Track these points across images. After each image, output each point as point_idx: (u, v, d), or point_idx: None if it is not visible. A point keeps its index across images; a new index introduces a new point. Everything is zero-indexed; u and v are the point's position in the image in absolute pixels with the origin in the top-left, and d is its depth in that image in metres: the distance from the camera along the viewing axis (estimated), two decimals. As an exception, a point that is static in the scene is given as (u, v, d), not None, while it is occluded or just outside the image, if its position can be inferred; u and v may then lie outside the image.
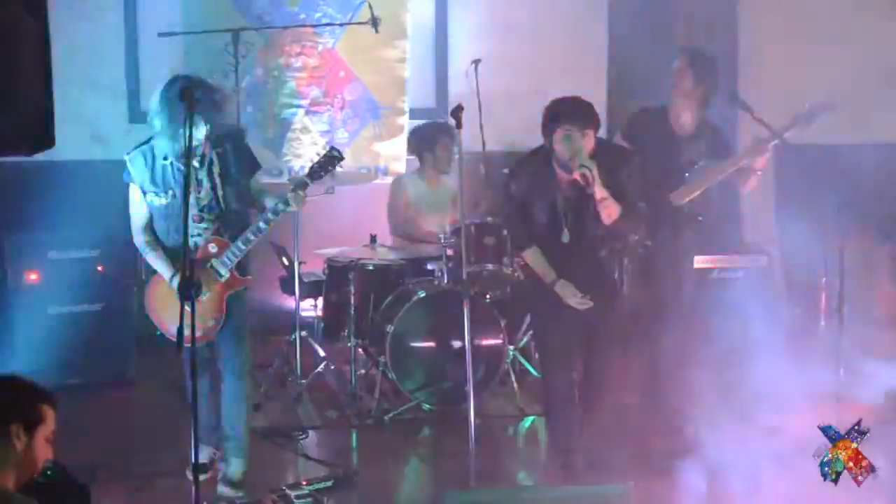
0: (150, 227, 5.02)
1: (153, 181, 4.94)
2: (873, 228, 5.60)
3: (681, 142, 5.56)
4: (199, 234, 4.97)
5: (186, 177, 4.44)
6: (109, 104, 7.62)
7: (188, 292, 4.24)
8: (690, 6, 8.25)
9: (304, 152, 7.74)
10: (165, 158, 4.92)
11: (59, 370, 6.15)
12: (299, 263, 6.55)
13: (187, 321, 4.21)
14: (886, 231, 5.97)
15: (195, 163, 4.85)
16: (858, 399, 5.38)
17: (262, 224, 4.93)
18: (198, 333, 4.89)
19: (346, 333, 6.32)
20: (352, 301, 6.26)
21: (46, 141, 4.33)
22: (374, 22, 6.95)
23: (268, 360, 6.51)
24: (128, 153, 4.97)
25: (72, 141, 6.68)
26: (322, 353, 6.48)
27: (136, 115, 7.68)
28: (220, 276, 4.97)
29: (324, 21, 7.66)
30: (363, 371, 6.48)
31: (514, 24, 8.04)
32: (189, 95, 4.30)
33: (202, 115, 4.69)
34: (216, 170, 4.95)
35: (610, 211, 4.84)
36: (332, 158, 5.05)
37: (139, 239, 5.03)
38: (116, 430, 5.88)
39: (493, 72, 7.55)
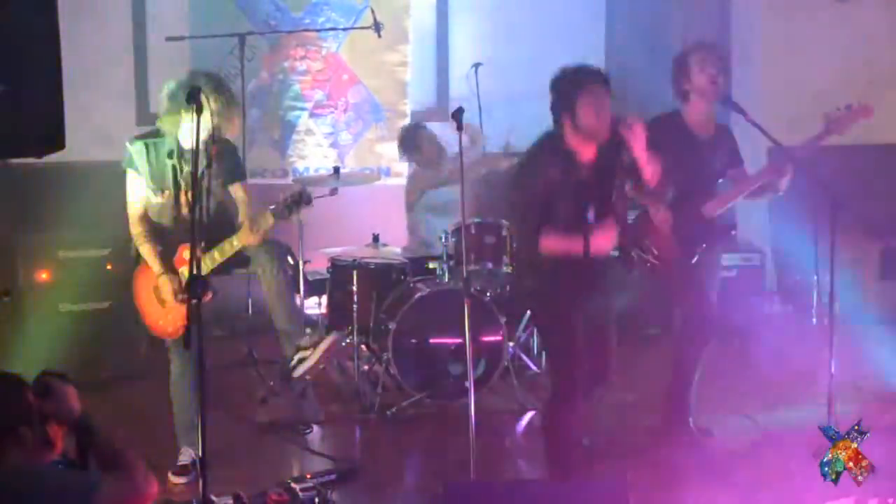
0: (147, 219, 5.05)
1: (152, 177, 4.97)
2: (864, 226, 5.64)
3: (704, 146, 5.27)
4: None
5: (195, 178, 4.45)
6: (118, 107, 7.72)
7: (195, 290, 4.26)
8: (685, 12, 8.34)
9: (308, 154, 7.87)
10: (170, 157, 4.95)
11: (70, 367, 6.04)
12: (304, 262, 6.63)
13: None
14: (877, 229, 6.03)
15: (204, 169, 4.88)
16: (851, 396, 5.41)
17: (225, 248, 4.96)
18: (168, 329, 5.08)
19: (349, 330, 6.37)
20: (355, 299, 6.32)
21: (57, 143, 4.37)
22: (377, 27, 7.10)
23: (273, 356, 6.54)
24: (129, 140, 5.01)
25: (81, 143, 6.78)
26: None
27: (144, 117, 7.79)
28: None
29: (328, 26, 7.76)
30: (366, 367, 6.53)
31: (514, 28, 8.14)
32: (196, 97, 4.18)
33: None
34: (215, 181, 4.93)
35: (654, 168, 4.52)
36: (299, 200, 4.87)
37: (136, 229, 5.04)
38: (125, 426, 5.90)
39: (493, 75, 7.68)
